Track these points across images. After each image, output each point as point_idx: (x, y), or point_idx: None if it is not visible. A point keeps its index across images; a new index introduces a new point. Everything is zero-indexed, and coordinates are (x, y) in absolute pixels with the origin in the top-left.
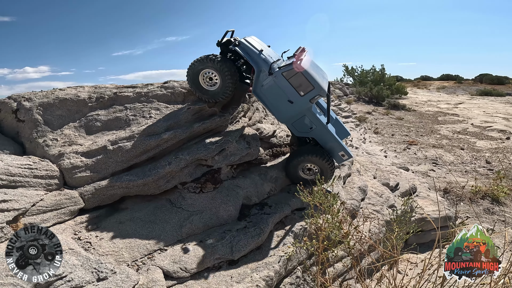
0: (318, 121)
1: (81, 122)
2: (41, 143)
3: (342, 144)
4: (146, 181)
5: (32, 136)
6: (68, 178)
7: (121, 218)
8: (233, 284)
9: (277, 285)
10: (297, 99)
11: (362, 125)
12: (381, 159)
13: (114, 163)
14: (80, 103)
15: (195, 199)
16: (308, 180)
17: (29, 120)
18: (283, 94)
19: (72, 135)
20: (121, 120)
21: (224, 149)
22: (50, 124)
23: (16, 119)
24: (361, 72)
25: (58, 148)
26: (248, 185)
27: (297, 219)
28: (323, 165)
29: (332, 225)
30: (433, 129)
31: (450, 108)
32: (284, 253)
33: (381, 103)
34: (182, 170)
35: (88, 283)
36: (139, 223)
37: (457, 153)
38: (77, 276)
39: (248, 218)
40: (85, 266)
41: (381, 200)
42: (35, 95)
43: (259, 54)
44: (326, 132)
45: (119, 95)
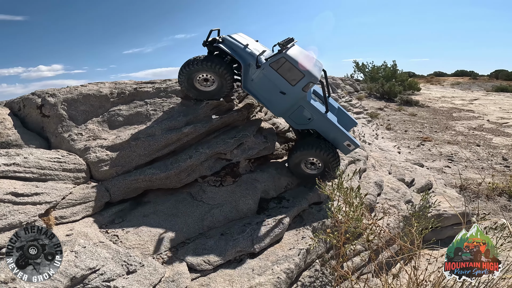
0: (316, 110)
1: (104, 117)
2: (67, 138)
3: (346, 133)
4: (168, 174)
5: (57, 131)
6: (94, 171)
7: (145, 212)
8: (254, 276)
9: (296, 278)
10: (289, 90)
11: (374, 121)
12: (395, 155)
13: (137, 157)
14: (102, 98)
15: (215, 193)
16: (313, 175)
17: (54, 115)
18: (274, 86)
19: (96, 130)
20: (142, 115)
21: (242, 143)
22: (74, 119)
23: (41, 115)
24: (372, 68)
25: (84, 142)
26: (265, 179)
27: (315, 213)
28: (324, 158)
29: (354, 218)
30: (448, 125)
31: (465, 104)
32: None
33: (393, 99)
34: (202, 164)
35: (119, 276)
36: (162, 216)
37: (473, 150)
38: (109, 269)
39: (267, 211)
40: (115, 259)
41: (398, 195)
42: (59, 91)
43: (244, 49)
44: (327, 122)
45: (139, 90)
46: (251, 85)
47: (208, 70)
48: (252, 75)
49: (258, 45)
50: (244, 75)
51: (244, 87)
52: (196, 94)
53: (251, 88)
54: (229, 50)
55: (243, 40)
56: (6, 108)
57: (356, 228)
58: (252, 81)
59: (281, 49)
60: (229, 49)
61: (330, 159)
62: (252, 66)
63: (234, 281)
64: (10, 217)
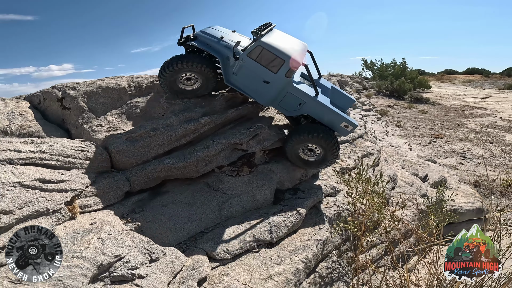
0: (305, 95)
1: (122, 109)
2: (87, 129)
3: (341, 114)
4: (187, 163)
5: (78, 122)
6: (115, 161)
7: (164, 201)
8: (273, 265)
9: (314, 269)
10: (272, 78)
11: (383, 119)
12: (406, 151)
13: (156, 147)
14: (120, 91)
15: (232, 182)
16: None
17: (75, 108)
18: (257, 76)
19: (115, 121)
20: (160, 107)
21: (258, 134)
22: (94, 111)
23: (61, 107)
24: (381, 65)
25: (104, 133)
26: (280, 170)
27: (331, 204)
28: (323, 143)
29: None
30: (460, 122)
31: (477, 102)
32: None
33: (403, 97)
34: (219, 154)
35: (142, 265)
36: (181, 206)
37: (486, 147)
38: (133, 257)
39: (283, 202)
40: (138, 247)
41: (413, 189)
42: (79, 85)
43: (219, 42)
44: (318, 105)
45: (155, 83)
46: (233, 78)
47: (188, 69)
48: (232, 68)
49: (235, 35)
50: (224, 69)
51: (226, 82)
52: (181, 94)
53: (234, 81)
54: (204, 46)
55: (217, 33)
56: (26, 102)
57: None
58: (233, 74)
59: (257, 35)
60: (203, 45)
61: (329, 144)
62: (230, 59)
63: (253, 270)
64: (38, 203)
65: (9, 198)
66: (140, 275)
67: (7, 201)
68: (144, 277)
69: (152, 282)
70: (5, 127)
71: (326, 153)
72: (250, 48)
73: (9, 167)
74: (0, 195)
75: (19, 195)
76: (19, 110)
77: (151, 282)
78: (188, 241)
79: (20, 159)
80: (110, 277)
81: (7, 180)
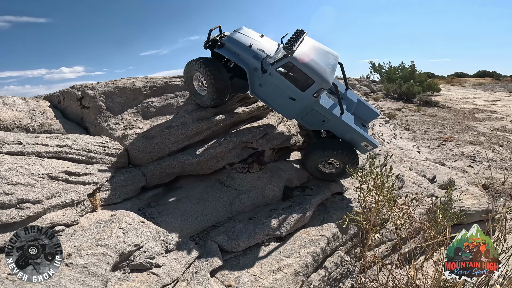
0: (330, 114)
1: (138, 108)
2: (105, 127)
3: (363, 134)
4: (200, 160)
5: (96, 120)
6: (132, 157)
7: (177, 196)
8: (282, 258)
9: (322, 263)
10: (299, 96)
11: (391, 122)
12: (414, 154)
13: (171, 144)
14: (136, 91)
15: (242, 179)
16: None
17: (94, 107)
18: (283, 91)
19: (131, 120)
20: (173, 106)
21: (267, 133)
22: (111, 110)
23: (81, 106)
24: (389, 68)
25: (121, 131)
26: (289, 168)
27: (338, 202)
28: (344, 159)
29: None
30: (470, 126)
31: (487, 105)
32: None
33: (412, 100)
34: (230, 151)
35: (159, 254)
36: (193, 200)
37: (496, 150)
38: (150, 247)
39: (292, 199)
40: (155, 238)
41: (420, 189)
42: (97, 85)
43: (247, 50)
44: (342, 124)
45: (169, 84)
46: (259, 90)
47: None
48: (259, 80)
49: (264, 40)
50: (250, 80)
51: (252, 93)
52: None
53: (259, 93)
54: (231, 56)
55: (245, 40)
56: (46, 101)
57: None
58: (260, 85)
59: (288, 51)
60: (229, 54)
61: (350, 160)
62: (258, 70)
63: (263, 263)
64: (64, 195)
65: (38, 188)
66: (157, 264)
67: (37, 191)
68: (160, 266)
69: (168, 271)
70: (27, 125)
71: (345, 166)
72: (280, 63)
73: (37, 160)
74: (30, 185)
75: (47, 186)
76: (40, 109)
77: (167, 271)
78: (201, 234)
79: (48, 152)
80: (130, 266)
81: (36, 171)
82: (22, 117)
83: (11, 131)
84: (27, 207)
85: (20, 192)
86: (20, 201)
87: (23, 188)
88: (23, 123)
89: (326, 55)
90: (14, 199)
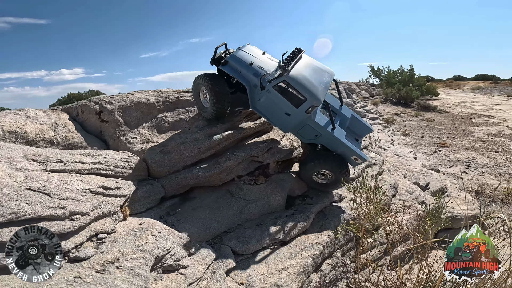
0: (322, 129)
1: (153, 122)
2: (124, 141)
3: (353, 149)
4: (212, 173)
5: (115, 134)
6: (151, 170)
7: (193, 205)
8: (286, 260)
9: (320, 264)
10: (293, 111)
11: (390, 127)
12: (411, 160)
13: (185, 158)
14: (150, 106)
15: (250, 190)
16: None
17: (112, 121)
18: (279, 107)
19: (147, 134)
20: (185, 121)
21: (272, 147)
22: (128, 124)
23: (99, 120)
24: (388, 72)
25: (139, 145)
26: (291, 179)
27: (335, 210)
28: (334, 171)
29: (375, 210)
30: (467, 131)
31: (485, 109)
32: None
33: (410, 105)
34: (238, 165)
35: (183, 257)
36: (207, 209)
37: (491, 156)
38: (177, 251)
39: (294, 207)
40: (179, 243)
41: (412, 197)
42: (113, 99)
43: (248, 68)
44: (333, 139)
45: (180, 99)
46: (259, 105)
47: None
48: (259, 96)
49: (264, 58)
50: (250, 96)
51: (252, 108)
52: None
53: (259, 108)
54: (234, 73)
55: (247, 58)
56: (64, 113)
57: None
58: (259, 101)
59: (283, 70)
60: (232, 72)
61: (341, 172)
62: (257, 87)
63: (269, 263)
64: (103, 207)
65: (84, 202)
66: (183, 265)
67: (83, 205)
68: (186, 267)
69: (192, 271)
70: (51, 138)
71: (337, 177)
72: (276, 81)
73: (78, 176)
74: (77, 200)
75: (90, 200)
76: (61, 122)
77: (192, 271)
78: (215, 239)
79: (85, 169)
80: (162, 267)
81: (80, 187)
82: (46, 131)
83: (37, 144)
84: (77, 219)
85: (70, 206)
86: (72, 213)
87: (72, 202)
88: (48, 136)
89: (321, 73)
90: (67, 212)
